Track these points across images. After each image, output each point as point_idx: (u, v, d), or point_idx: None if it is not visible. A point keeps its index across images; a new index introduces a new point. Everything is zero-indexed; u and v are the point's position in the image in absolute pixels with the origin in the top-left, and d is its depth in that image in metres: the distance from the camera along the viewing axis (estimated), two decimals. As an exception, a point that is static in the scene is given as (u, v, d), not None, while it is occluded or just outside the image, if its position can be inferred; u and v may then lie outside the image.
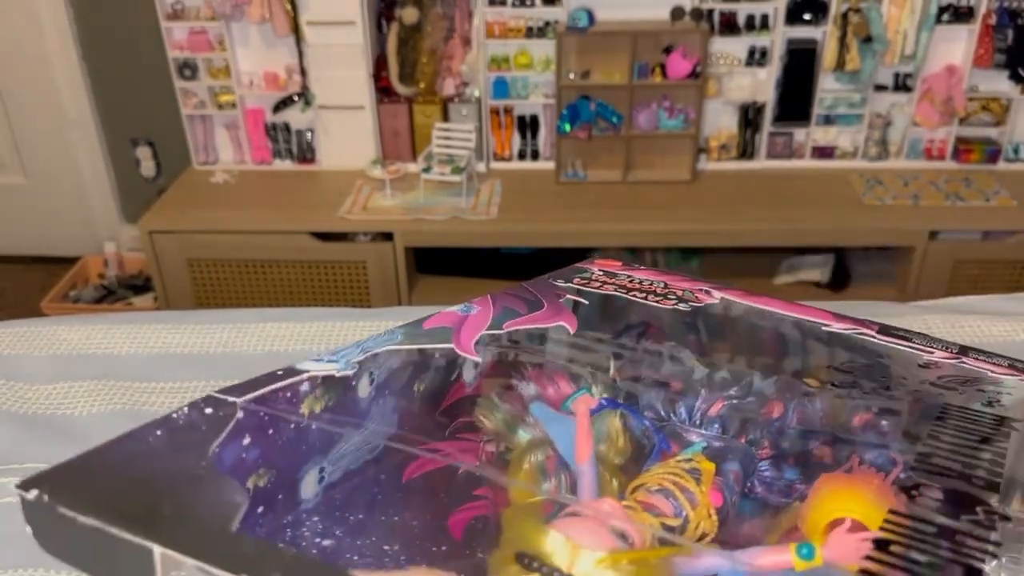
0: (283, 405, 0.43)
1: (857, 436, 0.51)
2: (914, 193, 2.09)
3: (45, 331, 0.96)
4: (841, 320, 0.63)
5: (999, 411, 0.52)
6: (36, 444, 0.78)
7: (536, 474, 0.45)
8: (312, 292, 2.11)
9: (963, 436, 0.48)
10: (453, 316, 0.56)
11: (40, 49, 2.40)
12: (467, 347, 0.53)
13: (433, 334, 0.53)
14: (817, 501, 0.41)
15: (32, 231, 2.69)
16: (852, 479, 0.43)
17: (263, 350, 0.93)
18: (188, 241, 2.07)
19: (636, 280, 0.68)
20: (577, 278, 0.69)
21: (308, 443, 0.42)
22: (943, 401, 0.53)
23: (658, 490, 0.42)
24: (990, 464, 0.45)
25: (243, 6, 2.08)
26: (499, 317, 0.57)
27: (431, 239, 2.07)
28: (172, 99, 2.22)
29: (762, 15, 2.09)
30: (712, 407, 0.52)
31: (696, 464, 0.45)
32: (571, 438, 0.46)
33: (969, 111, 2.15)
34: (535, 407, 0.50)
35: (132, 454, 0.37)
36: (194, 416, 0.40)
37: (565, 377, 0.53)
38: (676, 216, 2.07)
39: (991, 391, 0.55)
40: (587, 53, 2.13)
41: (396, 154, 2.27)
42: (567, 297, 0.63)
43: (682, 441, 0.50)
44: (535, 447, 0.47)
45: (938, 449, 0.47)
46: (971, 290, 1.99)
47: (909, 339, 0.62)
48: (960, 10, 2.05)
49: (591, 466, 0.44)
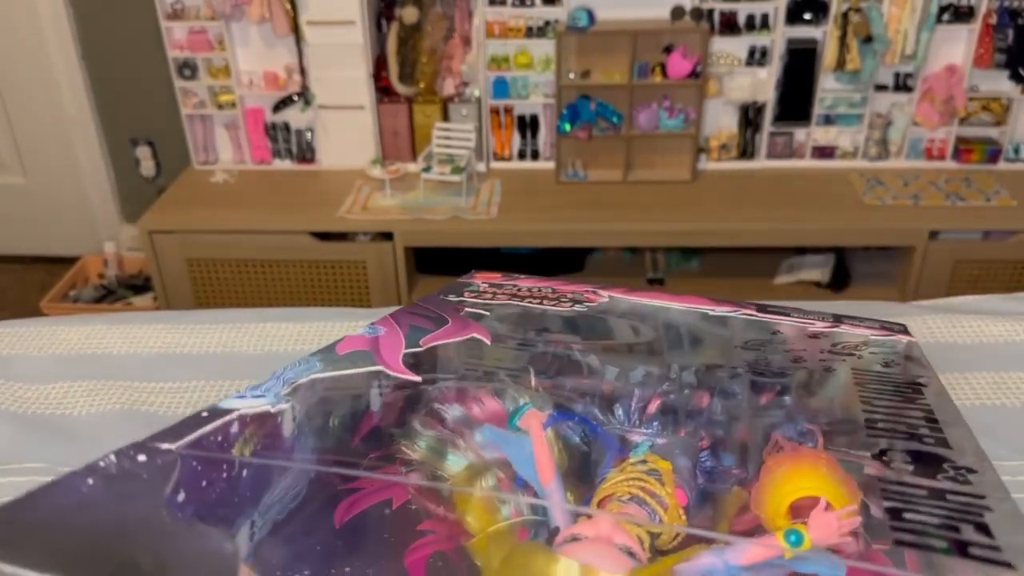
0: (215, 450, 0.39)
1: (774, 413, 0.52)
2: (914, 193, 2.09)
3: (44, 331, 0.96)
4: (721, 304, 0.65)
5: (899, 371, 0.55)
6: (35, 444, 0.78)
7: (491, 500, 0.43)
8: (312, 292, 2.11)
9: (888, 399, 0.50)
10: (363, 339, 0.53)
11: (40, 49, 2.40)
12: (396, 366, 0.51)
13: (352, 358, 0.51)
14: (771, 484, 0.42)
15: (32, 231, 2.69)
16: (798, 458, 0.44)
17: (263, 350, 0.92)
18: (188, 241, 2.06)
19: (523, 288, 0.67)
20: (466, 291, 0.67)
21: (239, 493, 0.39)
22: (849, 367, 0.55)
23: (630, 499, 0.42)
24: (926, 421, 0.47)
25: (243, 6, 2.08)
26: (411, 335, 0.55)
27: (431, 239, 2.07)
28: (172, 99, 2.22)
29: (762, 15, 2.09)
30: (649, 405, 0.52)
31: (652, 465, 0.45)
32: (529, 458, 0.44)
33: (969, 111, 2.15)
34: (485, 431, 0.48)
35: (70, 504, 0.34)
36: (126, 464, 0.37)
37: (487, 393, 0.51)
38: (676, 216, 2.06)
39: (882, 352, 0.58)
40: (587, 53, 2.13)
41: (396, 154, 2.27)
42: (466, 310, 0.62)
43: (627, 443, 0.49)
44: (480, 472, 0.45)
45: (875, 414, 0.48)
46: (971, 290, 1.99)
47: (787, 313, 0.64)
48: (960, 10, 2.05)
49: (558, 485, 0.43)
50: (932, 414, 0.48)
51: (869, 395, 0.51)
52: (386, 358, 0.51)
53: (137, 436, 0.80)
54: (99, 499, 0.35)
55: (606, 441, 0.48)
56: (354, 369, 0.50)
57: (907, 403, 0.50)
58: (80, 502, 0.34)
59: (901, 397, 0.51)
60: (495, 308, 0.62)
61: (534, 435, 0.45)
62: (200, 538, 0.36)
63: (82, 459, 0.75)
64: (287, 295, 2.12)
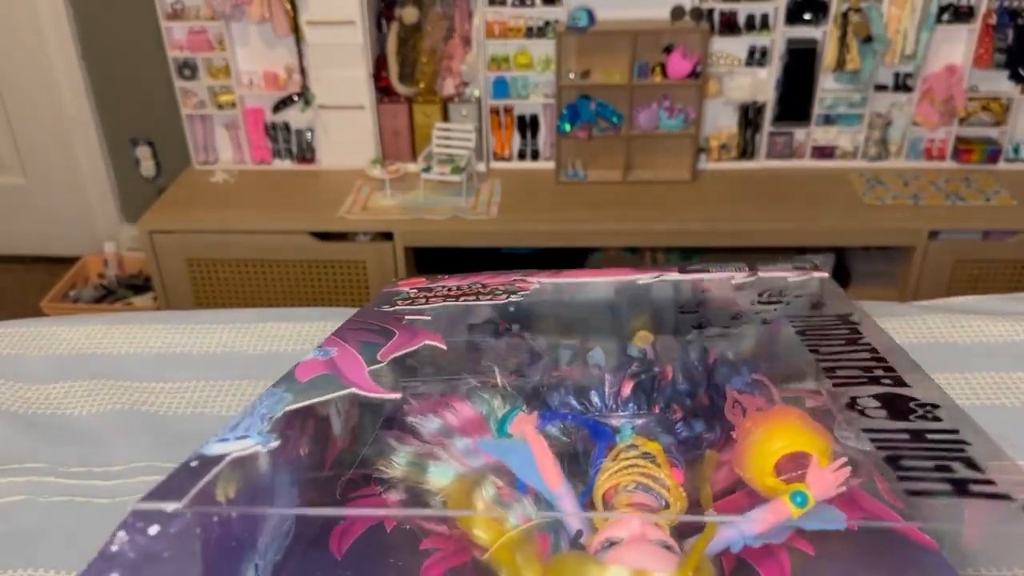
0: (213, 503, 0.37)
1: (725, 372, 0.53)
2: (914, 193, 2.09)
3: (45, 331, 0.96)
4: (645, 271, 0.65)
5: (828, 310, 0.57)
6: (36, 444, 0.78)
7: (496, 509, 0.42)
8: (312, 292, 2.11)
9: (831, 343, 0.51)
10: (319, 364, 0.51)
11: (40, 49, 2.40)
12: (368, 386, 0.49)
13: (317, 384, 0.48)
14: (753, 445, 0.43)
15: (32, 231, 2.69)
16: (773, 417, 0.45)
17: (263, 350, 0.92)
18: (188, 241, 2.06)
19: (453, 287, 0.66)
20: (398, 300, 0.65)
21: (235, 537, 0.37)
22: (783, 314, 0.56)
23: (636, 487, 0.42)
24: (875, 361, 0.48)
25: (243, 6, 2.08)
26: (365, 352, 0.53)
27: (431, 239, 2.07)
28: (172, 99, 2.22)
29: (762, 15, 2.09)
30: (622, 388, 0.52)
31: (643, 448, 0.45)
32: (531, 464, 0.43)
33: (969, 111, 2.15)
34: (481, 445, 0.47)
35: None
36: (140, 541, 0.33)
37: (458, 399, 0.50)
38: (676, 216, 2.06)
39: (805, 293, 0.60)
40: (587, 53, 2.13)
41: (396, 154, 2.27)
42: (407, 319, 0.60)
43: (611, 429, 0.50)
44: (477, 483, 0.44)
45: (827, 361, 0.49)
46: (971, 290, 2.00)
47: (707, 269, 0.66)
48: (960, 10, 2.05)
49: (568, 488, 0.42)
50: (877, 352, 0.49)
51: (815, 342, 0.52)
52: (353, 379, 0.49)
53: (138, 436, 0.80)
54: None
55: (599, 432, 0.48)
56: (327, 395, 0.47)
57: (850, 345, 0.51)
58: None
59: (843, 340, 0.52)
60: (432, 312, 0.61)
61: (532, 440, 0.44)
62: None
63: (83, 459, 0.75)
64: (287, 295, 2.12)
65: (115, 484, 0.73)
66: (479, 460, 0.46)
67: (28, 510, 0.69)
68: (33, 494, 0.71)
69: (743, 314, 0.60)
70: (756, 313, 0.59)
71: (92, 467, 0.75)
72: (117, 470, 0.75)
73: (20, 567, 0.64)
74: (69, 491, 0.72)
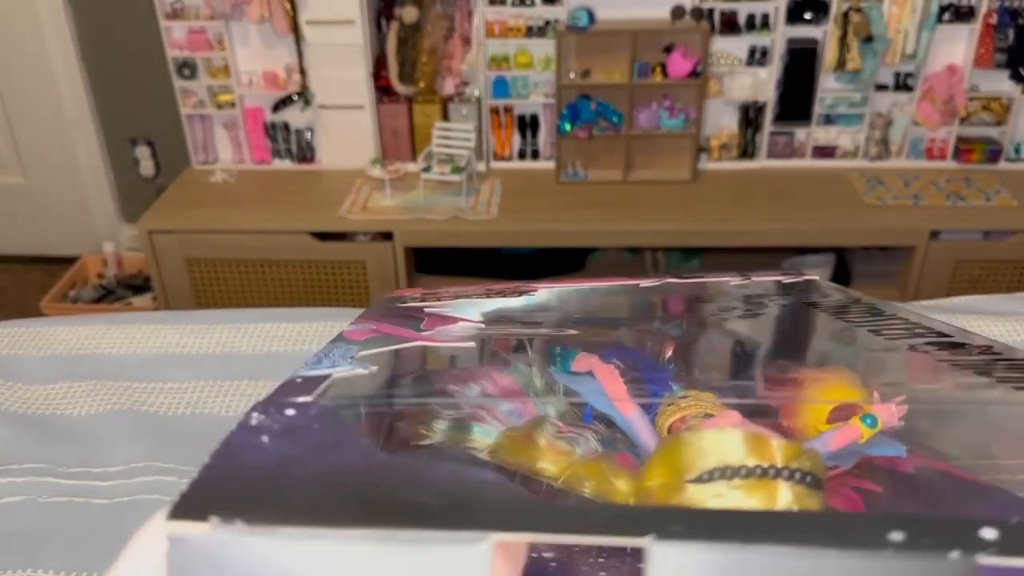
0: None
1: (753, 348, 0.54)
2: (915, 193, 2.09)
3: (44, 331, 0.96)
4: (645, 278, 0.66)
5: (840, 296, 0.59)
6: (35, 444, 0.78)
7: (560, 444, 0.41)
8: (312, 292, 2.11)
9: (861, 316, 0.53)
10: (364, 332, 0.48)
11: (40, 49, 2.40)
12: (434, 339, 0.48)
13: (375, 343, 0.46)
14: (804, 397, 0.44)
15: (31, 231, 2.68)
16: (820, 373, 0.47)
17: (263, 350, 0.92)
18: (187, 241, 2.06)
19: (453, 292, 0.65)
20: (409, 303, 0.62)
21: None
22: (792, 308, 0.58)
23: (705, 416, 0.42)
24: (910, 324, 0.50)
25: (242, 5, 2.08)
26: (408, 326, 0.51)
27: (431, 239, 2.07)
28: (171, 99, 2.22)
29: (763, 14, 2.09)
30: (664, 349, 0.52)
31: (696, 397, 0.45)
32: (602, 394, 0.43)
33: (970, 111, 2.15)
34: (551, 373, 0.46)
35: (268, 461, 0.29)
36: (279, 418, 0.31)
37: (496, 371, 0.50)
38: (676, 216, 2.06)
39: (801, 294, 0.62)
40: (587, 52, 2.13)
41: (396, 154, 2.27)
42: (427, 310, 0.58)
43: (668, 372, 0.50)
44: (533, 427, 0.43)
45: (867, 326, 0.51)
46: (972, 290, 1.99)
47: (703, 276, 0.67)
48: (961, 9, 2.05)
49: (640, 413, 0.42)
50: (908, 320, 0.51)
51: (841, 316, 0.53)
52: (415, 336, 0.48)
53: (137, 436, 0.80)
54: (299, 451, 0.30)
55: (658, 375, 0.48)
56: (396, 345, 0.46)
57: (878, 316, 0.52)
58: (280, 457, 0.29)
59: (868, 312, 0.53)
60: (450, 305, 0.60)
61: (601, 370, 0.44)
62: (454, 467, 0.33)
63: (82, 459, 0.75)
64: (287, 295, 2.11)
65: (114, 484, 0.73)
66: (522, 421, 0.46)
67: (27, 510, 0.69)
68: (32, 494, 0.71)
69: (766, 303, 0.60)
70: (779, 304, 0.60)
71: (91, 467, 0.75)
72: (116, 470, 0.74)
73: (20, 567, 0.63)
74: (68, 491, 0.71)
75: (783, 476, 0.30)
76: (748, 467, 0.29)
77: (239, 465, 0.27)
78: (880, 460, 0.39)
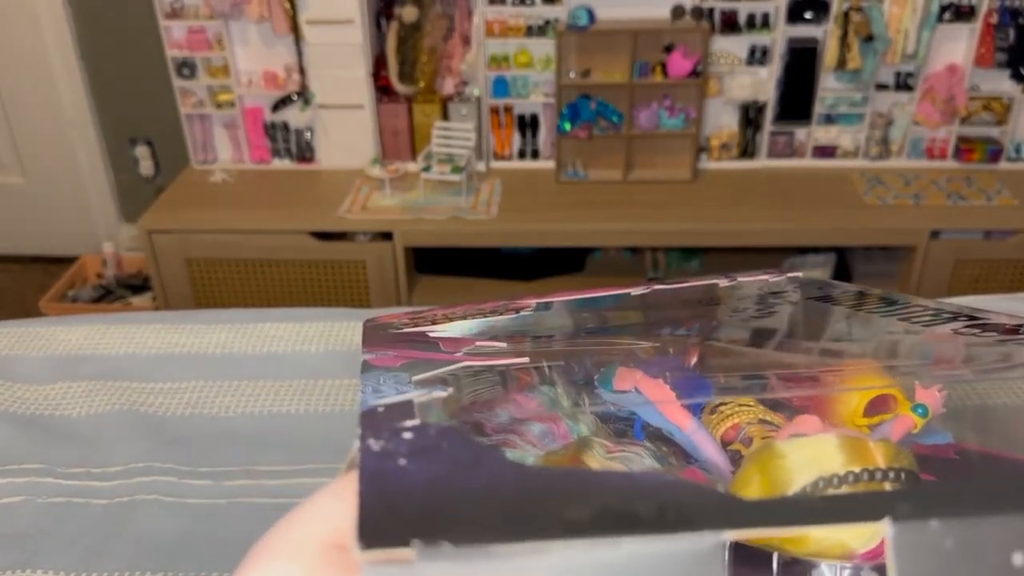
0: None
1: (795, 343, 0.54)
2: (915, 192, 2.09)
3: (43, 331, 0.96)
4: (635, 286, 0.65)
5: (835, 289, 0.59)
6: (34, 445, 0.77)
7: (615, 464, 0.41)
8: (311, 292, 2.11)
9: (878, 305, 0.53)
10: (392, 357, 0.46)
11: (39, 49, 2.40)
12: (470, 359, 0.47)
13: (418, 366, 0.44)
14: (839, 392, 0.43)
15: (31, 231, 2.68)
16: (851, 367, 0.46)
17: (262, 350, 0.92)
18: (187, 241, 2.06)
19: (443, 315, 0.64)
20: (403, 329, 0.58)
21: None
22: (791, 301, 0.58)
23: (759, 422, 0.41)
24: (930, 307, 0.49)
25: (242, 5, 2.07)
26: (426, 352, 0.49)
27: (431, 239, 2.06)
28: (171, 98, 2.22)
29: (763, 14, 2.09)
30: (686, 359, 0.51)
31: (737, 401, 0.44)
32: (654, 409, 0.42)
33: (970, 110, 2.15)
34: (596, 392, 0.45)
35: (419, 483, 0.28)
36: (401, 439, 0.30)
37: (521, 394, 0.48)
38: (677, 216, 2.06)
39: (787, 291, 0.61)
40: (587, 52, 2.12)
41: (395, 153, 2.26)
42: (429, 335, 0.55)
43: (709, 383, 0.49)
44: (581, 448, 0.41)
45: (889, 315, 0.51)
46: (972, 290, 1.99)
47: (688, 281, 0.66)
48: (961, 9, 2.05)
49: (698, 424, 0.41)
50: (928, 305, 0.50)
51: (855, 305, 0.53)
52: (450, 358, 0.46)
53: (136, 436, 0.79)
54: (446, 470, 0.29)
55: (700, 386, 0.46)
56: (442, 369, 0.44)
57: (893, 304, 0.52)
58: (430, 478, 0.28)
59: (883, 302, 0.52)
60: (448, 327, 0.59)
61: (648, 386, 0.42)
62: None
63: (81, 459, 0.75)
64: (287, 295, 2.11)
65: (113, 485, 0.72)
66: (556, 444, 0.45)
67: (27, 510, 0.69)
68: (32, 495, 0.71)
69: (772, 303, 0.60)
70: (790, 301, 0.60)
71: (90, 467, 0.75)
72: (115, 470, 0.74)
73: (20, 567, 0.63)
74: (68, 492, 0.71)
75: (889, 478, 0.29)
76: (855, 472, 0.29)
77: (394, 490, 0.26)
78: (926, 449, 0.39)
